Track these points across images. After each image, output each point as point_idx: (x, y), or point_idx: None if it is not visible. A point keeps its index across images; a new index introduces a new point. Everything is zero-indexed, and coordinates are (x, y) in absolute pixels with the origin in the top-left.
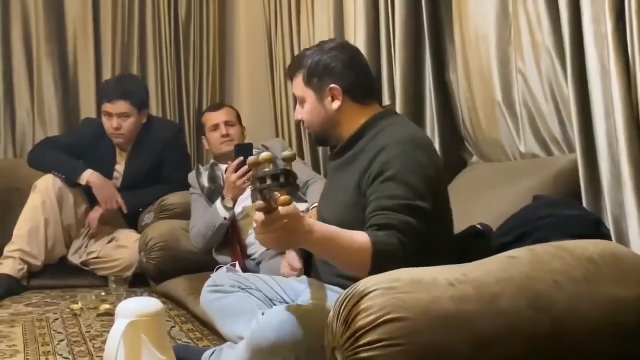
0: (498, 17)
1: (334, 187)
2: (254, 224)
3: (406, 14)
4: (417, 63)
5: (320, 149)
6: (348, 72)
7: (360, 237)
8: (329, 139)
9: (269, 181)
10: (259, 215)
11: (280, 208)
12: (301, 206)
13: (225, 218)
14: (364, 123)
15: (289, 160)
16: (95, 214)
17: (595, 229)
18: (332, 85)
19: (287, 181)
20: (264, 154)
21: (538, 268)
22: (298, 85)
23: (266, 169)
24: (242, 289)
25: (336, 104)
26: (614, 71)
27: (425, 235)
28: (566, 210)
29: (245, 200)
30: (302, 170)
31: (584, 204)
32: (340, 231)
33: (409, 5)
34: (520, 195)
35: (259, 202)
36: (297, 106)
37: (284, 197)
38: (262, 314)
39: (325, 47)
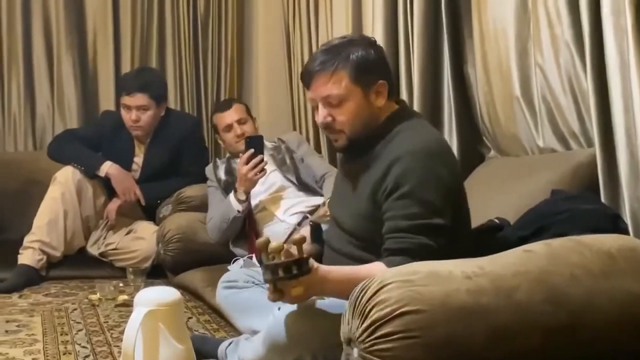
0: (517, 11)
1: (347, 191)
2: (268, 288)
3: (425, 8)
4: (436, 57)
5: None
6: (388, 66)
7: (377, 270)
8: (364, 140)
9: (281, 273)
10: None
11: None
12: (317, 200)
13: (239, 211)
14: (380, 125)
15: (299, 244)
16: (114, 205)
17: (613, 223)
18: (381, 81)
19: (300, 271)
20: (273, 245)
21: (555, 262)
22: (338, 84)
23: (277, 260)
24: (255, 284)
25: (381, 101)
26: (633, 64)
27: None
28: (584, 204)
29: (262, 194)
30: (319, 164)
31: (603, 198)
32: (356, 269)
33: None
34: (538, 189)
35: (270, 288)
36: (325, 108)
37: (296, 290)
38: (279, 309)
39: (358, 40)
